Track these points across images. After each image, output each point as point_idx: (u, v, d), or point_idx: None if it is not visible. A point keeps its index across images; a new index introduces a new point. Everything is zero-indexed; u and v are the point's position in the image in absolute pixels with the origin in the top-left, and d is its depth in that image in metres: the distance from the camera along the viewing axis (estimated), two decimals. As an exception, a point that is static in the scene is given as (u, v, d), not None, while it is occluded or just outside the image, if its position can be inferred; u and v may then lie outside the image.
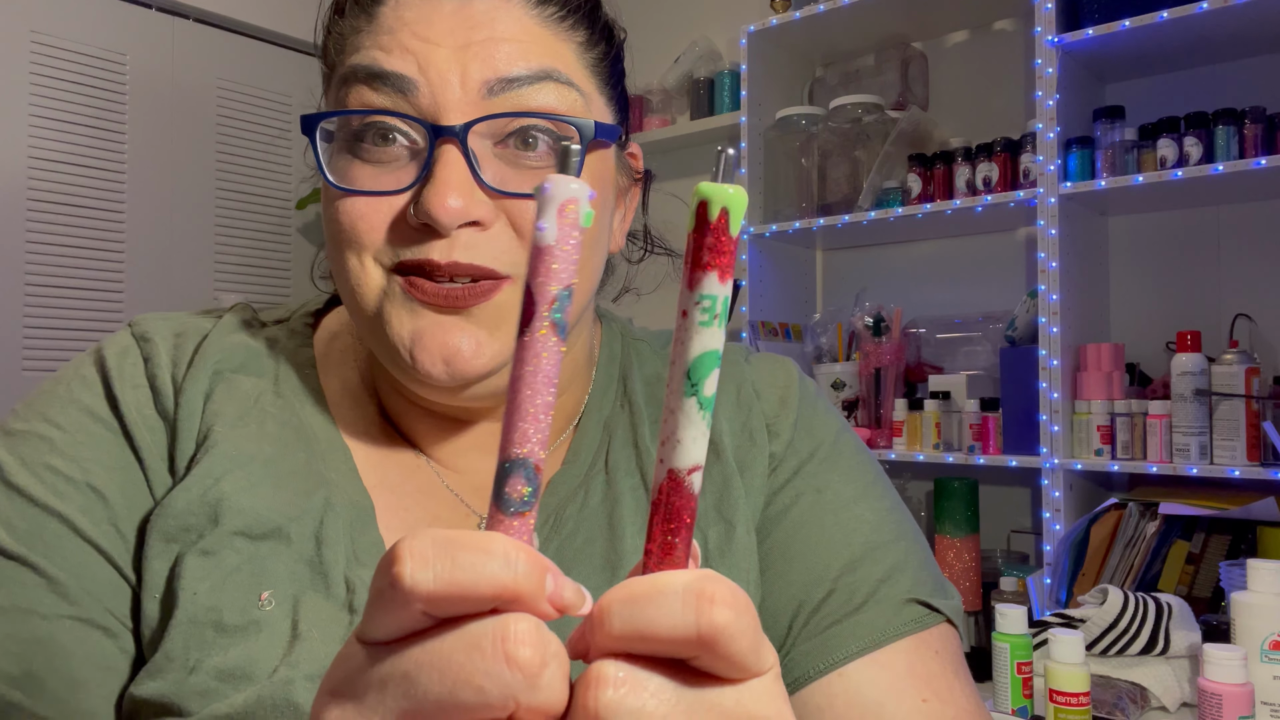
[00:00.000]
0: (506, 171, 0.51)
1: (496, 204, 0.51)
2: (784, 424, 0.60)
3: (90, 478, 0.51)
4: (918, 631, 0.55)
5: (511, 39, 0.51)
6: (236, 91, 2.65)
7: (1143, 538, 1.67)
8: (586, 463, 0.59)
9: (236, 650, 0.48)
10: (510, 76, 0.51)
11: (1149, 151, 1.80)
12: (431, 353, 0.50)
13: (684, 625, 0.26)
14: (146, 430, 0.53)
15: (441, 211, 0.48)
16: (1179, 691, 1.20)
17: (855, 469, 0.61)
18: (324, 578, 0.51)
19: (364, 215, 0.51)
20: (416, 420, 0.59)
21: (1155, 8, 1.74)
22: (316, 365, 0.60)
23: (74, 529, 0.50)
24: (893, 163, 2.16)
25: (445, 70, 0.50)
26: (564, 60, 0.53)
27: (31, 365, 2.26)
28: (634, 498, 0.57)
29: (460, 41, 0.50)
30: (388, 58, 0.51)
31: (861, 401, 2.17)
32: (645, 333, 0.69)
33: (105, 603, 0.51)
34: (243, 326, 0.60)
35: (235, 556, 0.50)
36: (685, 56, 2.63)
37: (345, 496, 0.54)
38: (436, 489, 0.58)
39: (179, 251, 2.52)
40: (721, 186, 0.27)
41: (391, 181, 0.51)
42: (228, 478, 0.52)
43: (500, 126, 0.51)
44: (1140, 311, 2.03)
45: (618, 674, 0.26)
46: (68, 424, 0.53)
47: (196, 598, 0.49)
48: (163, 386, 0.54)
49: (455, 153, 0.49)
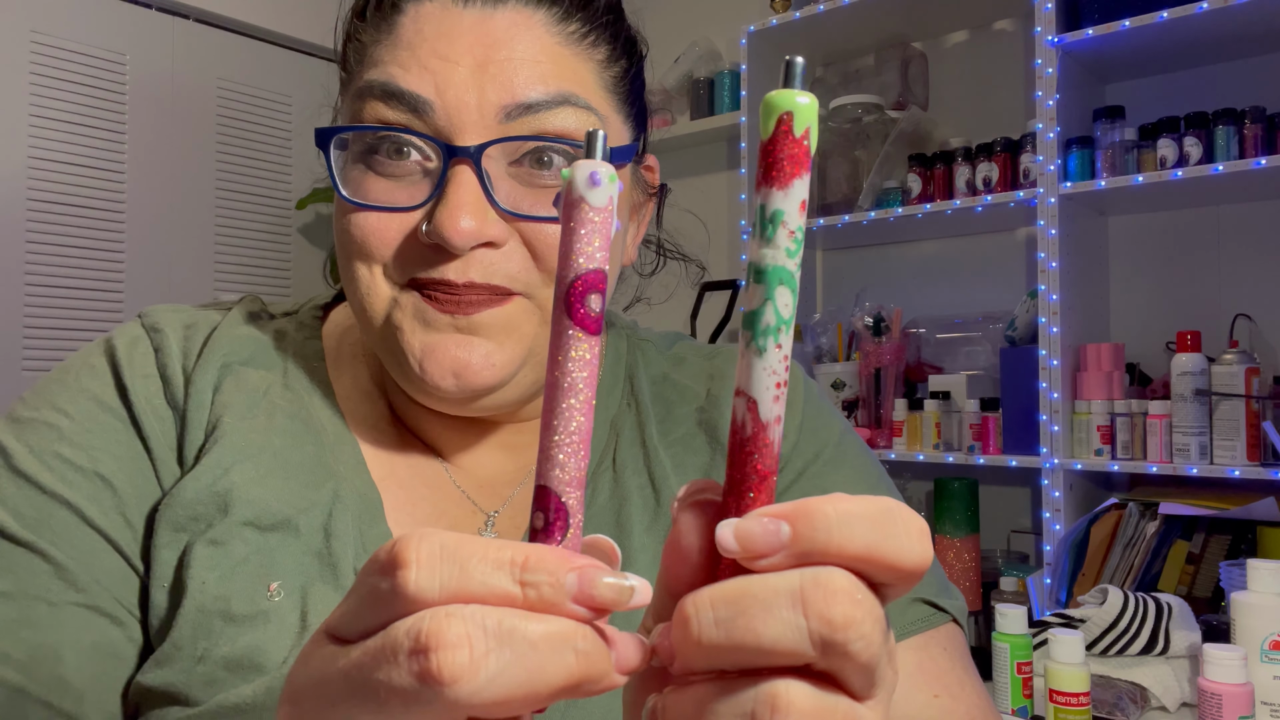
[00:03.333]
0: (520, 191, 0.51)
1: (510, 224, 0.51)
2: (789, 426, 0.60)
3: (98, 466, 0.52)
4: (926, 630, 0.56)
5: (531, 60, 0.51)
6: (236, 91, 2.65)
7: (1143, 538, 1.67)
8: (594, 461, 0.59)
9: (244, 640, 0.48)
10: (528, 102, 0.50)
11: (1149, 151, 1.80)
12: (442, 366, 0.51)
13: (795, 631, 0.24)
14: (155, 420, 0.53)
15: (454, 233, 0.48)
16: (1179, 691, 1.20)
17: (860, 470, 0.61)
18: (333, 569, 0.51)
19: (376, 230, 0.51)
20: (424, 418, 0.59)
21: (1155, 8, 1.74)
22: (325, 359, 0.60)
23: (82, 517, 0.51)
24: (893, 163, 2.16)
25: (462, 92, 0.50)
26: (583, 83, 0.53)
27: (31, 365, 2.26)
28: (641, 497, 0.57)
29: (479, 60, 0.50)
30: (405, 75, 0.50)
31: (861, 401, 2.17)
32: (651, 333, 0.69)
33: (112, 591, 0.51)
34: (251, 319, 0.60)
35: (244, 547, 0.50)
36: (685, 56, 2.63)
37: (353, 489, 0.54)
38: (444, 485, 0.59)
39: (179, 251, 2.52)
40: (789, 93, 0.26)
41: (405, 197, 0.51)
42: (236, 468, 0.52)
43: (515, 147, 0.51)
44: (1140, 311, 2.03)
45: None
46: (76, 412, 0.53)
47: (205, 587, 0.49)
48: (173, 376, 0.54)
49: (469, 173, 0.49)
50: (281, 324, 0.61)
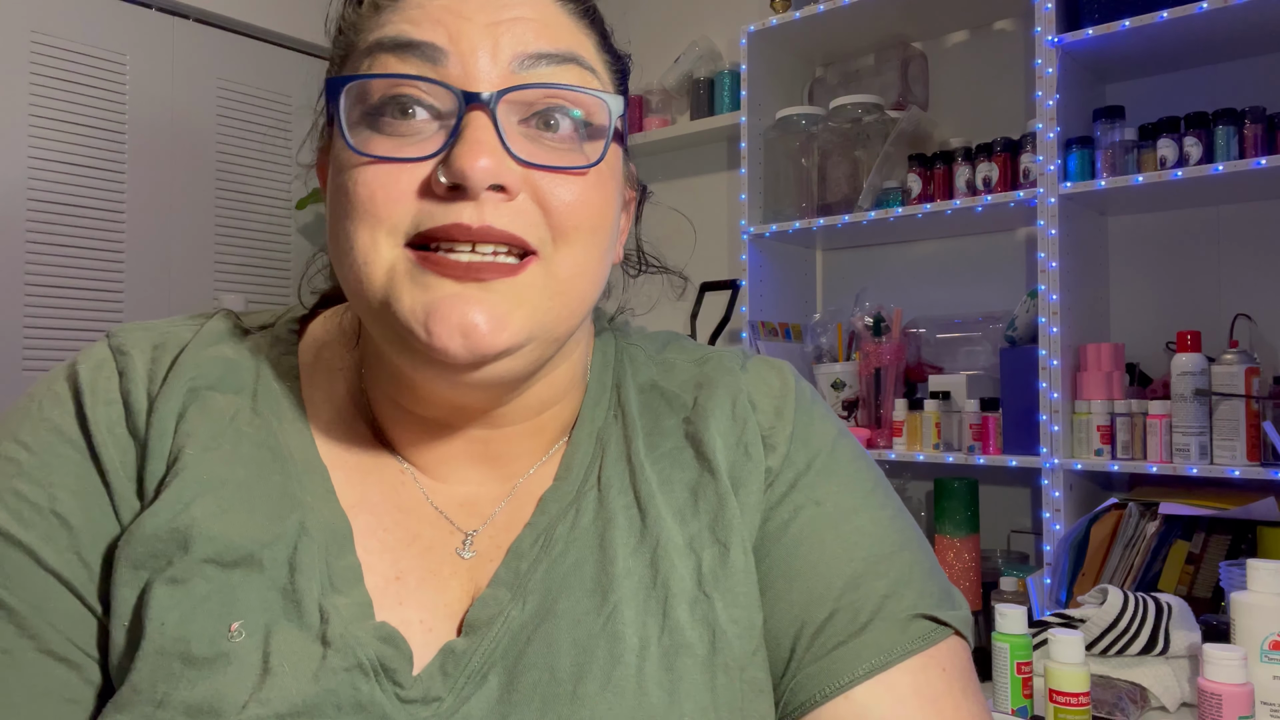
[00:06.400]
0: (530, 148, 0.51)
1: (522, 175, 0.50)
2: (780, 436, 0.58)
3: (55, 504, 0.50)
4: (925, 649, 0.53)
5: (539, 19, 0.52)
6: (236, 91, 2.65)
7: (1143, 538, 1.67)
8: (579, 478, 0.57)
9: (205, 685, 0.47)
10: (540, 52, 0.51)
11: (1149, 151, 1.80)
12: (449, 324, 0.48)
13: None
14: (116, 450, 0.52)
15: (473, 169, 0.47)
16: (1179, 691, 1.20)
17: (854, 477, 0.59)
18: (297, 606, 0.49)
19: (384, 185, 0.49)
20: (405, 429, 0.57)
21: (1155, 8, 1.74)
22: (300, 375, 0.58)
23: (35, 559, 0.50)
24: (893, 163, 2.16)
25: (476, 42, 0.50)
26: (586, 49, 0.54)
27: (31, 365, 2.26)
28: (626, 517, 0.55)
29: (489, 19, 0.50)
30: (417, 29, 0.50)
31: (861, 401, 2.17)
32: (641, 335, 0.66)
33: (68, 634, 0.50)
34: (224, 336, 0.58)
35: (205, 585, 0.49)
36: (685, 56, 2.63)
37: (320, 519, 0.53)
38: (421, 506, 0.56)
39: (179, 251, 2.52)
40: None
41: (414, 151, 0.49)
42: (198, 502, 0.50)
43: (525, 105, 0.51)
44: (1140, 311, 2.03)
45: None
46: (36, 445, 0.52)
47: (164, 628, 0.48)
48: (136, 403, 0.53)
49: (484, 119, 0.49)
50: (256, 339, 0.59)
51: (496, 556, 0.55)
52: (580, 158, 0.51)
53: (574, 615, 0.51)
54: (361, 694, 0.48)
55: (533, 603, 0.52)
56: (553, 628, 0.51)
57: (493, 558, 0.55)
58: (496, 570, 0.54)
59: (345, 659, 0.48)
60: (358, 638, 0.49)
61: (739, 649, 0.53)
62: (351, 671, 0.48)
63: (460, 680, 0.50)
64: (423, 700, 0.49)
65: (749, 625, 0.54)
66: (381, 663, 0.49)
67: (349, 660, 0.48)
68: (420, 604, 0.53)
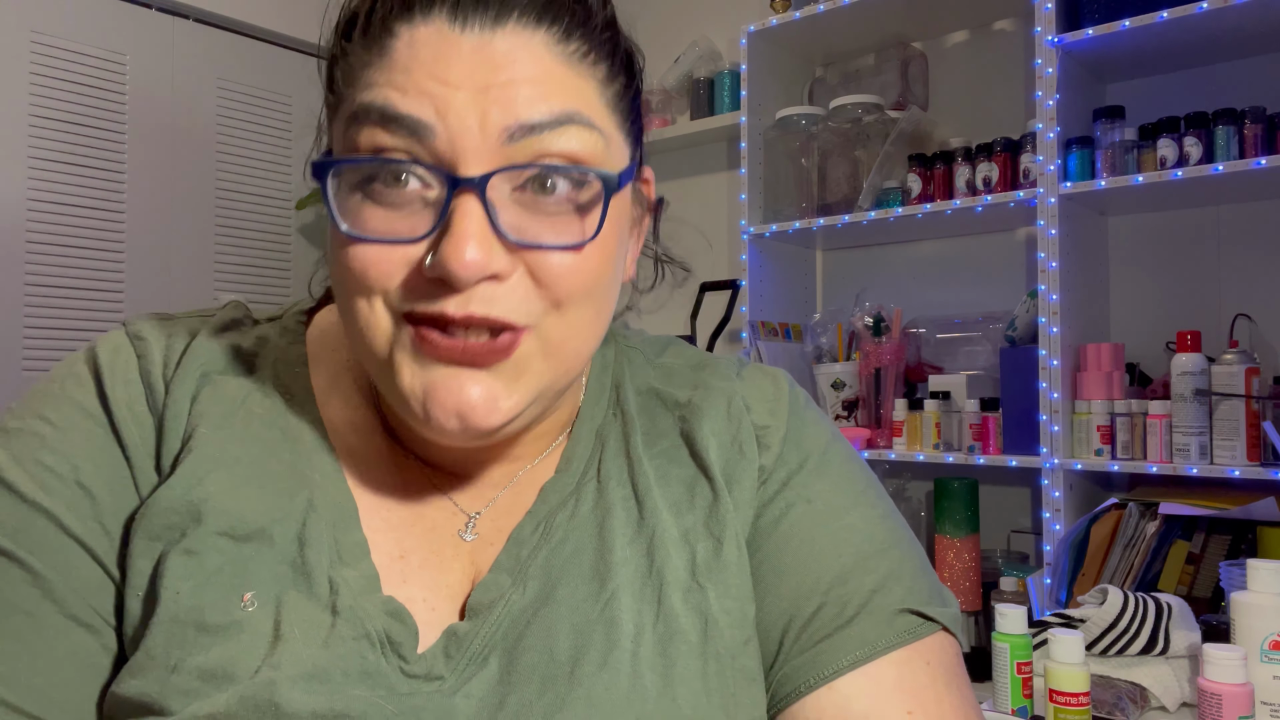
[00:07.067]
0: (524, 217, 0.49)
1: (514, 255, 0.49)
2: (774, 436, 0.60)
3: (79, 474, 0.52)
4: (911, 642, 0.54)
5: (533, 80, 0.49)
6: (236, 91, 2.65)
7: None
8: (579, 470, 0.59)
9: (218, 650, 0.48)
10: (531, 122, 0.48)
11: (1149, 151, 1.80)
12: (445, 407, 0.49)
13: None
14: (136, 427, 0.53)
15: (460, 266, 0.46)
16: (1179, 691, 1.20)
17: (846, 478, 0.60)
18: (307, 578, 0.51)
19: (376, 262, 0.49)
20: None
21: (1155, 8, 1.74)
22: (308, 363, 0.60)
23: (60, 526, 0.51)
24: (893, 163, 2.16)
25: (464, 114, 0.47)
26: (585, 100, 0.51)
27: (31, 365, 2.26)
28: (624, 509, 0.57)
29: (480, 84, 0.48)
30: (403, 99, 0.48)
31: (861, 401, 2.17)
32: (641, 339, 0.67)
33: (89, 599, 0.51)
34: (234, 326, 0.60)
35: (218, 557, 0.50)
36: (685, 56, 2.63)
37: (328, 496, 0.54)
38: (425, 487, 0.58)
39: (179, 251, 2.52)
40: None
41: (405, 228, 0.48)
42: (211, 478, 0.52)
43: (519, 174, 0.49)
44: (1140, 311, 2.03)
45: None
46: (60, 420, 0.53)
47: (179, 597, 0.49)
48: (154, 384, 0.54)
49: (474, 203, 0.47)
50: (264, 329, 0.60)
51: (497, 541, 0.57)
52: (577, 224, 0.50)
53: (572, 601, 0.53)
54: (369, 663, 0.49)
55: (533, 588, 0.54)
56: (552, 613, 0.53)
57: (493, 542, 0.57)
58: (498, 556, 0.55)
59: (354, 628, 0.50)
60: (366, 610, 0.51)
61: (731, 638, 0.54)
62: (359, 640, 0.50)
63: (462, 662, 0.51)
64: (425, 677, 0.50)
65: (741, 616, 0.55)
66: (388, 635, 0.51)
67: (357, 630, 0.50)
68: (423, 583, 0.55)
